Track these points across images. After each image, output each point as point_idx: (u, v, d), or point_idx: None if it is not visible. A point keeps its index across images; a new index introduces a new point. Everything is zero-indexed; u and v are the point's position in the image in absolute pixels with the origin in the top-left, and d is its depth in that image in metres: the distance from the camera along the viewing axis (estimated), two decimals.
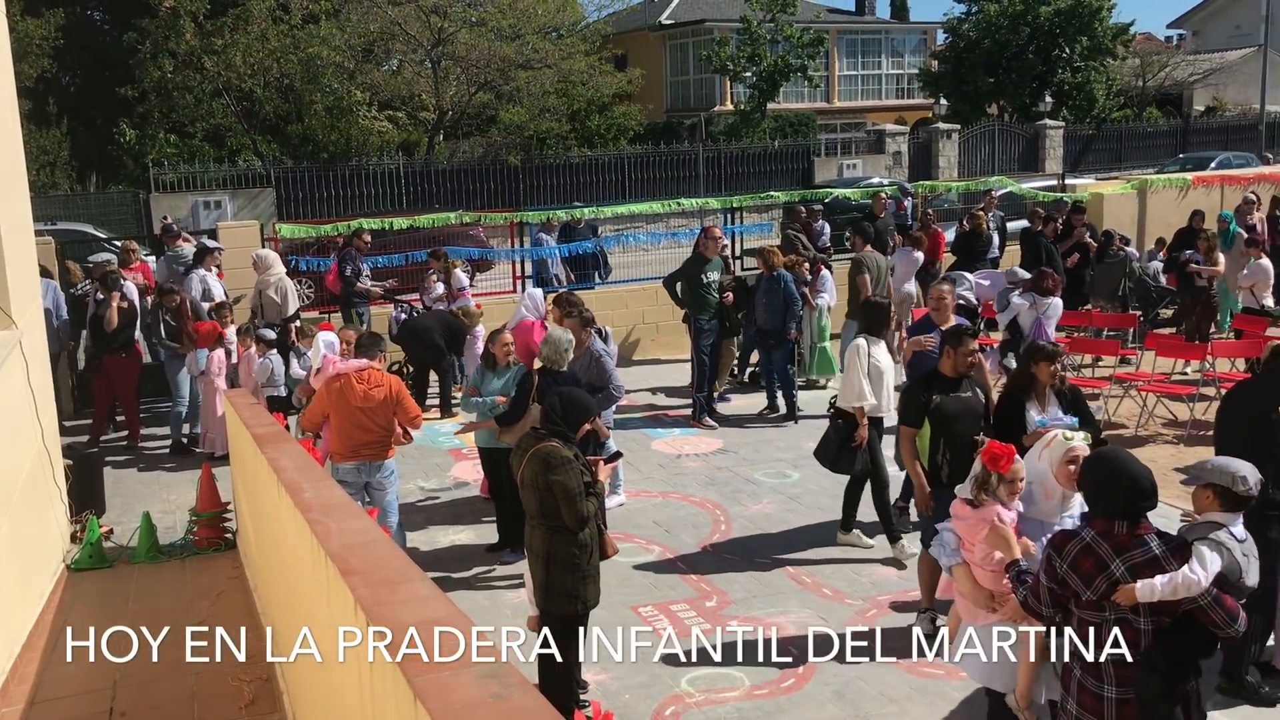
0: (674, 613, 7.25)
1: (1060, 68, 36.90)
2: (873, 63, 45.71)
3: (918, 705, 6.03)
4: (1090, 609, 4.10)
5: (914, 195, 18.38)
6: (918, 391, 6.64)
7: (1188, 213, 16.17)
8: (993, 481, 5.03)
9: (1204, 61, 44.97)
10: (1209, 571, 4.02)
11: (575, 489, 5.58)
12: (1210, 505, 4.34)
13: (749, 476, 10.04)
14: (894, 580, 7.62)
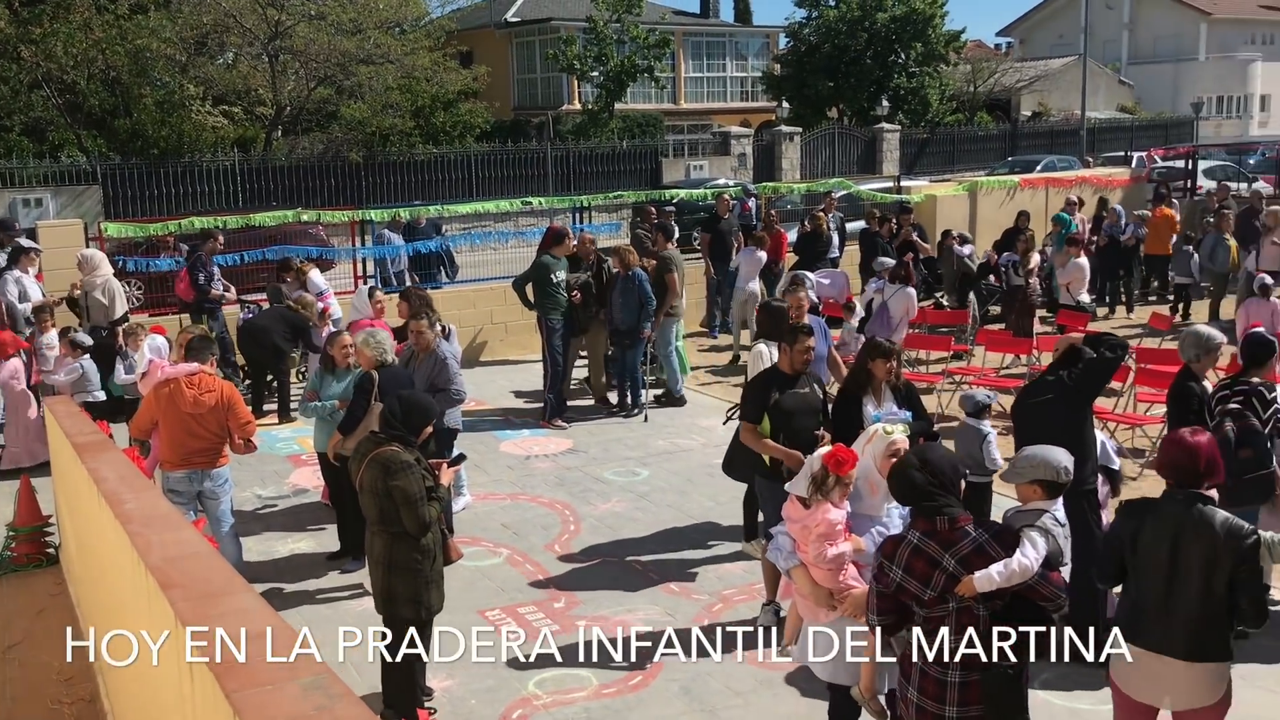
0: (522, 615, 7.19)
1: (896, 73, 38.13)
2: (718, 65, 46.39)
3: (763, 697, 6.12)
4: (934, 605, 4.20)
5: (758, 196, 18.73)
6: (758, 388, 6.73)
7: (1014, 213, 16.94)
8: (829, 483, 5.12)
9: (1030, 69, 47.16)
10: (1039, 555, 4.19)
11: (416, 494, 5.46)
12: (1035, 495, 4.53)
13: (598, 476, 10.03)
14: (740, 575, 7.71)
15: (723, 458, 8.01)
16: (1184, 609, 4.31)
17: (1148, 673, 4.44)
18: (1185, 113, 43.75)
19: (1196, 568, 4.27)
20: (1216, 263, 16.13)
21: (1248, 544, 4.23)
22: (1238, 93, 52.39)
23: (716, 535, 8.53)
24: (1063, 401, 6.19)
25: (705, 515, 8.95)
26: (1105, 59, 51.30)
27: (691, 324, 15.79)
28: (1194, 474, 4.42)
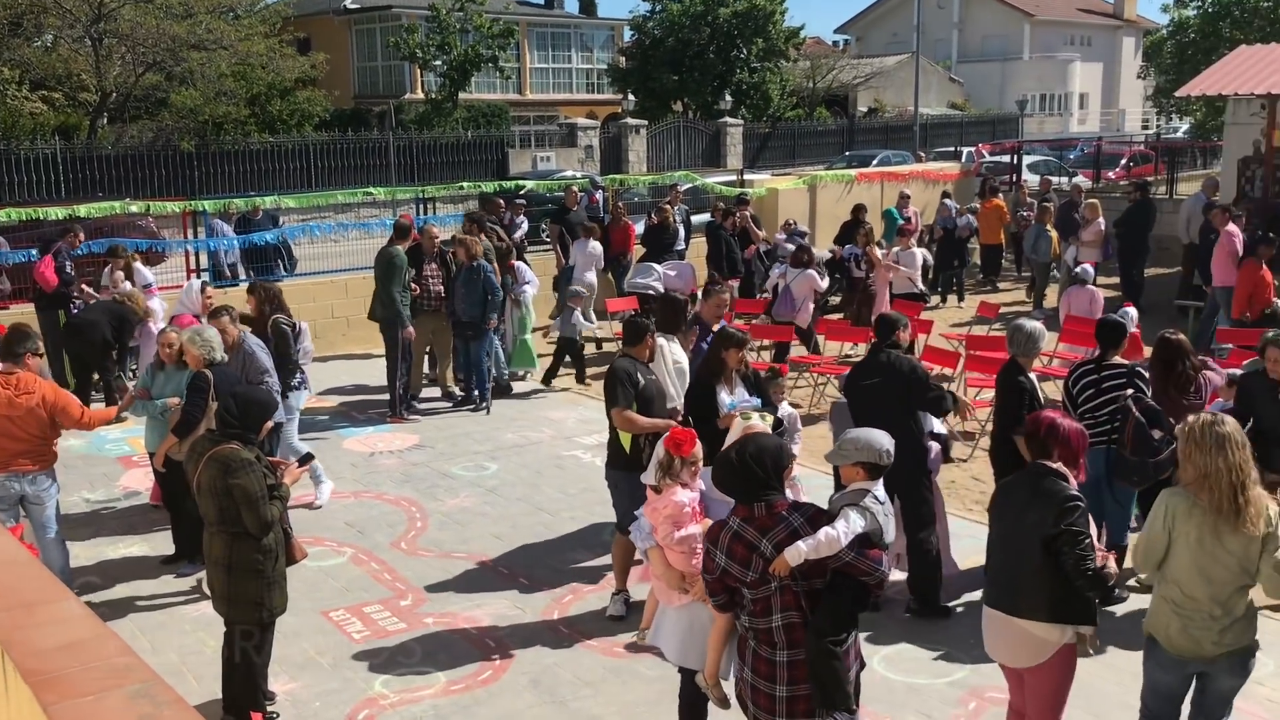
0: (367, 614, 7.05)
1: (739, 68, 38.75)
2: (563, 56, 46.33)
3: (612, 686, 6.16)
4: (757, 587, 4.32)
5: (605, 188, 18.78)
6: (624, 376, 6.73)
7: (852, 206, 17.43)
8: (675, 465, 5.18)
9: (866, 66, 48.57)
10: (850, 529, 4.34)
11: (257, 492, 5.30)
12: (857, 476, 4.67)
13: (446, 471, 9.92)
14: (590, 566, 7.74)
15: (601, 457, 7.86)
16: (1024, 572, 4.65)
17: (995, 631, 4.81)
18: (1011, 110, 45.77)
19: (1035, 532, 4.60)
20: (1039, 253, 16.95)
21: (1068, 507, 4.55)
22: (1059, 91, 55.10)
23: (566, 527, 8.54)
24: (889, 383, 6.76)
25: (555, 508, 8.95)
26: (937, 57, 53.24)
27: (541, 316, 15.74)
28: (1073, 453, 4.73)
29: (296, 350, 8.93)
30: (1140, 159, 30.39)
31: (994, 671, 6.24)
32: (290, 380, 8.79)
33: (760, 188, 19.29)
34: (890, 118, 43.23)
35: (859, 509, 4.47)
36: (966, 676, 6.24)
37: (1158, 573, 4.69)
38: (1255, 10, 24.69)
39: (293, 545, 5.78)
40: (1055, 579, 4.58)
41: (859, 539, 4.39)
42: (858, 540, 4.38)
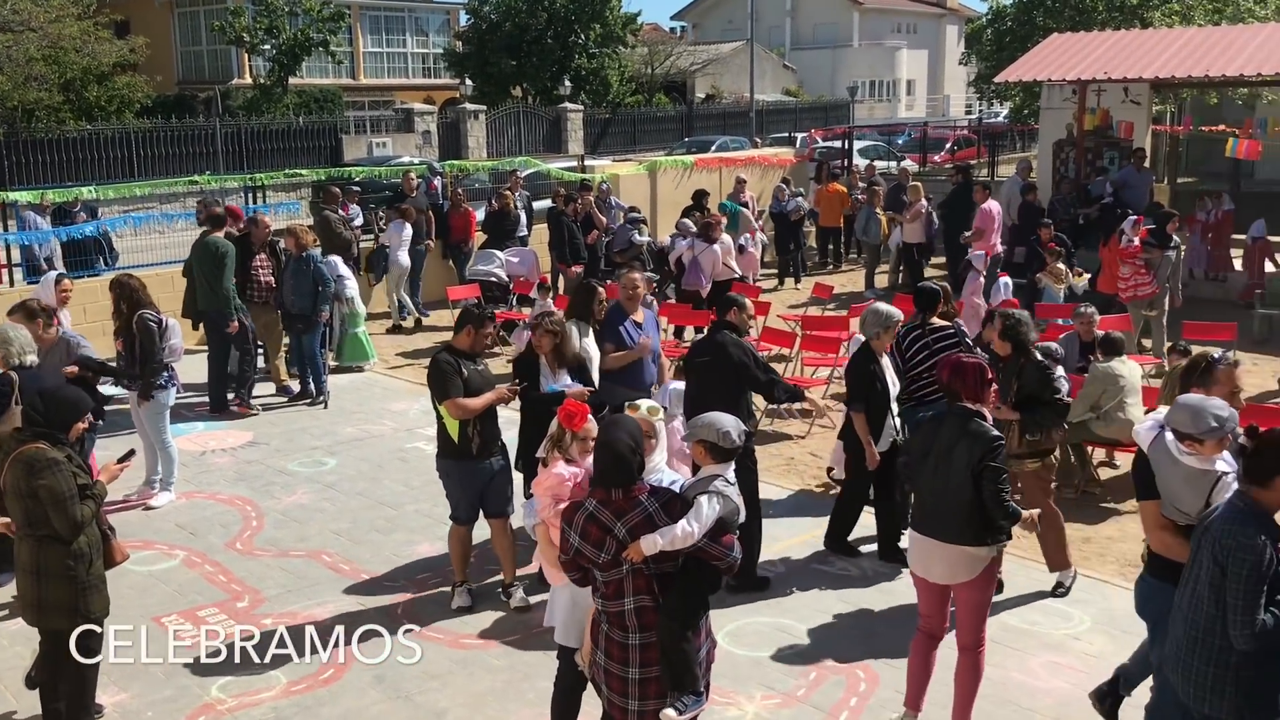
0: (202, 618, 6.80)
1: (577, 53, 38.69)
2: (398, 40, 45.41)
3: (459, 678, 6.10)
4: (609, 569, 4.33)
5: (444, 175, 18.50)
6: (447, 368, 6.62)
7: (691, 191, 17.63)
8: (566, 439, 5.12)
9: (703, 52, 49.15)
10: (703, 522, 4.37)
11: (66, 492, 5.04)
12: (704, 459, 4.71)
13: (282, 467, 9.63)
14: (434, 559, 7.63)
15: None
16: (952, 502, 5.21)
17: (928, 554, 5.38)
18: (842, 96, 46.93)
19: (962, 468, 5.18)
20: (869, 235, 17.47)
21: (993, 447, 5.16)
22: (887, 78, 56.84)
23: (410, 521, 8.41)
24: (719, 363, 6.97)
25: (397, 501, 8.80)
26: (771, 44, 54.24)
27: (380, 305, 15.45)
28: (978, 393, 5.30)
29: (162, 347, 8.53)
30: (964, 143, 31.62)
31: (833, 641, 6.46)
32: (156, 378, 8.45)
33: (601, 173, 19.30)
34: (728, 104, 43.84)
35: (710, 495, 4.49)
36: (807, 648, 6.41)
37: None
38: (1065, 1, 25.92)
39: (112, 547, 5.51)
40: (981, 508, 5.19)
41: (713, 525, 4.45)
42: (719, 526, 4.44)
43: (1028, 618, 6.77)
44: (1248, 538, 4.04)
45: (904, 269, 17.06)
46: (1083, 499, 8.75)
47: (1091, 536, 8.08)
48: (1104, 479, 9.26)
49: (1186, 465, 4.65)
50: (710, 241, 14.05)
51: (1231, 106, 25.73)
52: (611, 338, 7.73)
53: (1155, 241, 11.53)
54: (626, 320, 7.83)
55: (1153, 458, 4.78)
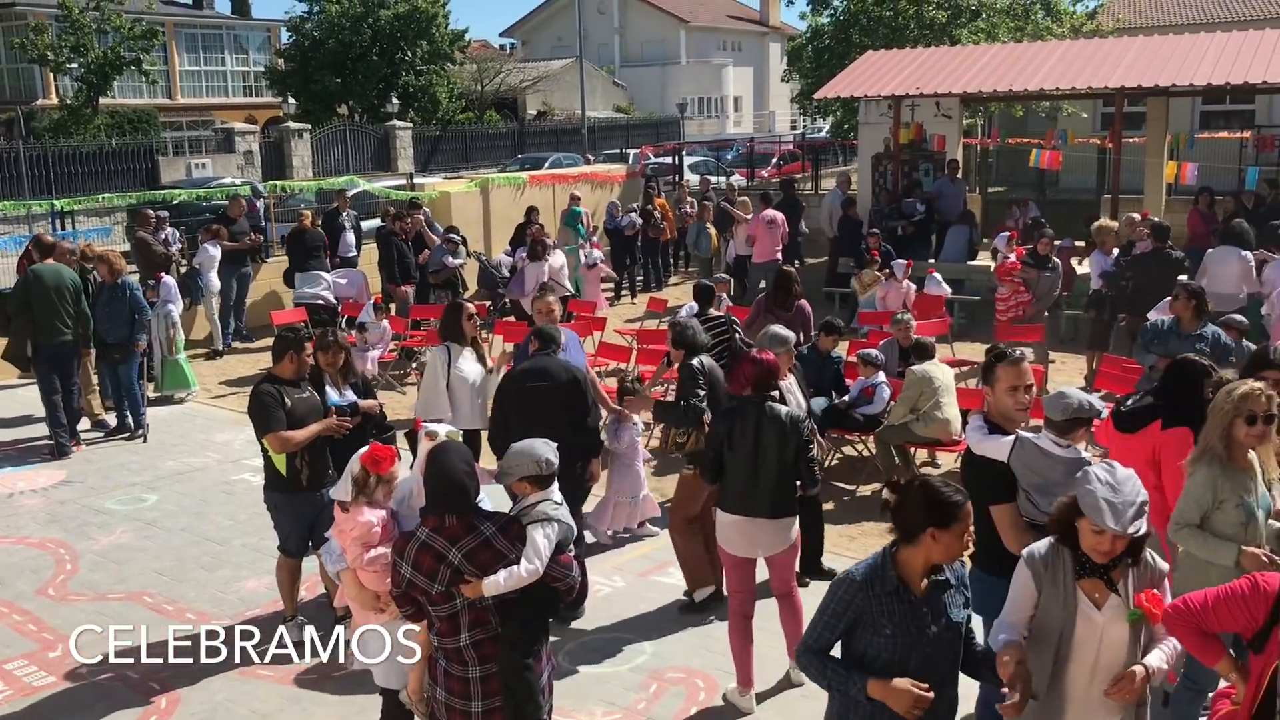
0: (10, 672, 6.39)
1: (404, 71, 38.17)
2: (216, 59, 43.98)
3: (290, 714, 5.91)
4: (442, 602, 4.25)
5: (266, 196, 17.98)
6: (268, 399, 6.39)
7: (524, 208, 17.58)
8: (371, 483, 5.00)
9: (533, 69, 49.18)
10: (544, 556, 4.33)
11: None
12: (529, 490, 4.63)
13: (99, 506, 9.15)
14: (264, 593, 7.36)
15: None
16: (766, 480, 5.72)
17: (744, 533, 5.82)
18: (672, 113, 47.70)
19: (773, 448, 5.70)
20: (701, 249, 17.77)
21: (802, 424, 5.83)
22: (715, 94, 57.98)
23: (237, 556, 8.10)
24: (554, 388, 6.79)
25: (223, 537, 8.47)
26: (600, 61, 54.68)
27: (203, 331, 14.89)
28: (768, 382, 5.89)
29: None
30: (789, 158, 32.51)
31: (670, 652, 6.51)
32: None
33: (432, 191, 19.08)
34: (560, 121, 43.95)
35: (542, 524, 4.45)
36: (646, 661, 6.45)
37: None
38: (880, 19, 26.94)
39: None
40: (792, 482, 5.81)
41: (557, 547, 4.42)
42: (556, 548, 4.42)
43: None
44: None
45: (736, 281, 17.40)
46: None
47: None
48: None
49: (1063, 456, 4.70)
50: (536, 258, 14.06)
51: (1036, 119, 27.19)
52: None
53: (1032, 261, 11.72)
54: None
55: (1018, 464, 4.76)
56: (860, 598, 3.68)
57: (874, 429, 9.26)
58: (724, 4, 64.24)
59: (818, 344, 9.64)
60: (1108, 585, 3.80)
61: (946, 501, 3.61)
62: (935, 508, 3.62)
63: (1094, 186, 21.98)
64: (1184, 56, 16.72)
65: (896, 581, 3.68)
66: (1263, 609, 3.60)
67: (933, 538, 3.63)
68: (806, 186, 25.86)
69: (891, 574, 3.69)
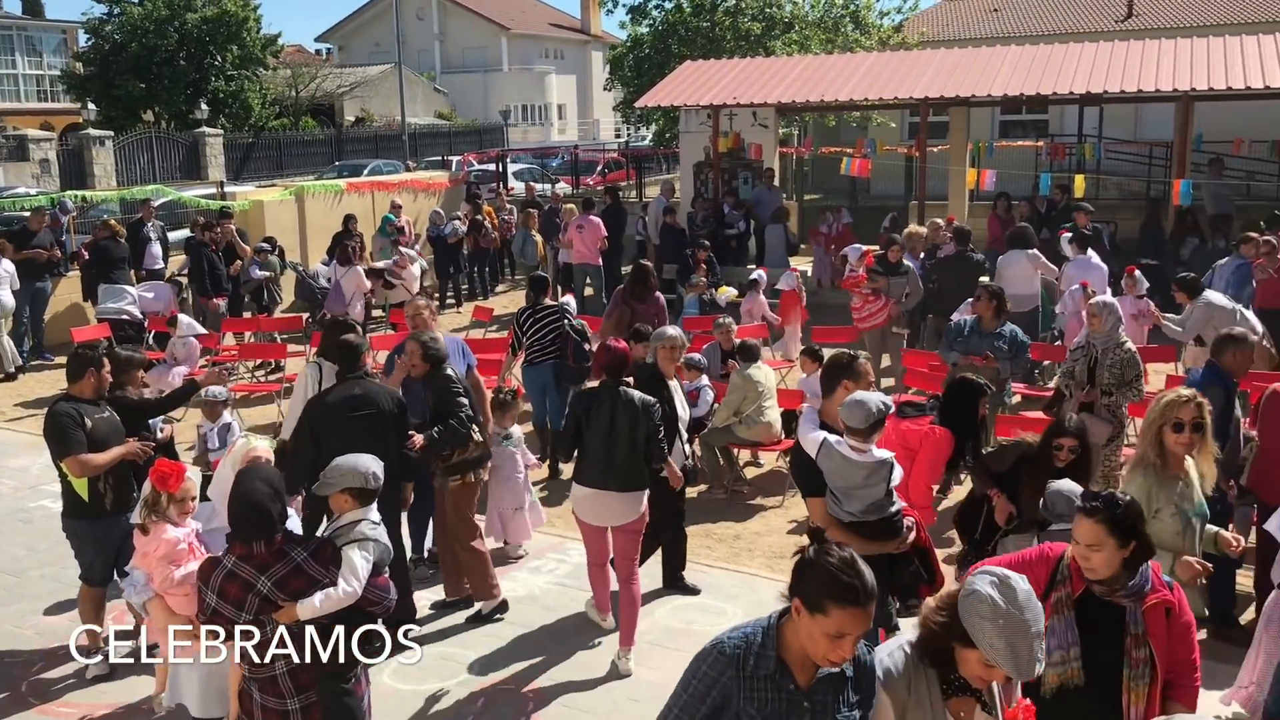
0: None
1: (214, 76, 36.79)
2: (7, 62, 41.44)
3: None
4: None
5: (74, 210, 16.99)
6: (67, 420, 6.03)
7: (342, 216, 17.18)
8: (163, 502, 4.79)
9: (350, 75, 48.06)
10: (360, 577, 4.23)
11: None
12: (347, 504, 4.53)
13: None
14: (65, 626, 6.91)
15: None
16: (619, 458, 6.25)
17: (598, 505, 6.35)
18: (495, 120, 47.37)
19: (626, 429, 6.24)
20: (526, 257, 17.72)
21: (653, 408, 6.33)
22: (538, 102, 57.93)
23: (36, 587, 7.62)
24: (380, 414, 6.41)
25: (19, 568, 7.96)
26: (420, 68, 53.90)
27: None
28: (621, 369, 6.46)
29: None
30: (613, 165, 32.77)
31: (501, 666, 6.45)
32: None
33: (244, 200, 18.43)
34: (379, 127, 43.11)
35: (360, 544, 4.34)
36: (475, 674, 6.36)
37: None
38: (697, 30, 27.41)
39: None
40: (642, 460, 6.31)
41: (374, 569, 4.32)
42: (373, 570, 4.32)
43: (684, 617, 7.05)
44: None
45: (563, 289, 17.43)
46: (732, 498, 9.24)
47: (740, 533, 8.54)
48: (750, 478, 9.82)
49: (863, 461, 4.87)
50: (346, 264, 13.80)
51: (848, 128, 28.16)
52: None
53: (882, 269, 11.98)
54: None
55: (824, 465, 4.95)
56: (729, 676, 3.01)
57: (699, 432, 9.40)
58: (545, 12, 64.32)
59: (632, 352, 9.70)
60: (979, 702, 3.17)
61: (850, 582, 2.86)
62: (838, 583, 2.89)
63: (903, 193, 22.92)
64: (982, 69, 17.61)
65: (775, 663, 2.99)
66: (1045, 571, 3.76)
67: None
68: (631, 194, 26.11)
69: (771, 653, 2.99)
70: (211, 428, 7.48)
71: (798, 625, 2.93)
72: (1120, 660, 3.67)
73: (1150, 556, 3.75)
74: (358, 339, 6.74)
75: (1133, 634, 3.67)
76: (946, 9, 33.20)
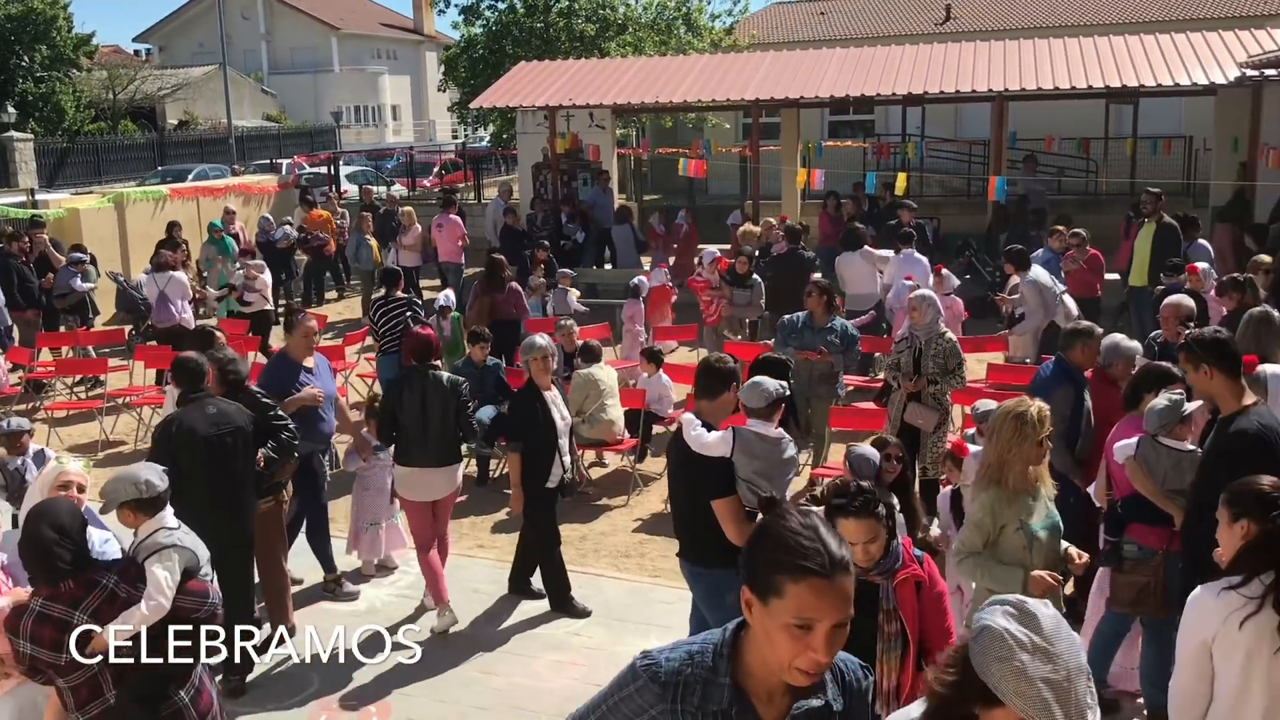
0: None
1: (21, 77, 34.85)
2: None
3: None
4: (71, 670, 3.88)
5: None
6: None
7: (165, 224, 16.51)
8: None
9: (172, 76, 46.14)
10: (166, 589, 4.08)
11: None
12: (137, 520, 4.37)
13: None
14: None
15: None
16: (433, 435, 6.77)
17: (420, 481, 6.86)
18: (327, 122, 46.25)
19: (438, 408, 6.78)
20: (361, 261, 17.37)
21: (461, 386, 6.92)
22: (372, 103, 56.79)
23: None
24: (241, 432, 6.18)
25: None
26: (247, 68, 52.20)
27: None
28: (428, 354, 7.01)
29: None
30: (450, 167, 32.39)
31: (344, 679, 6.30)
32: None
33: (57, 208, 17.50)
34: (205, 130, 41.57)
35: (160, 555, 4.19)
36: (318, 689, 6.20)
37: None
38: (532, 31, 27.32)
39: None
40: (455, 436, 6.89)
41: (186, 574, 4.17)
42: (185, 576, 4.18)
43: (532, 621, 7.02)
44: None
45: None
46: (577, 499, 9.25)
47: (586, 534, 8.57)
48: (595, 478, 9.86)
49: (775, 437, 5.24)
50: (161, 269, 13.27)
51: (684, 129, 28.53)
52: (274, 387, 6.96)
53: (729, 279, 12.04)
54: (297, 367, 7.21)
55: (741, 454, 5.12)
56: (661, 711, 2.26)
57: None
58: (377, 12, 63.14)
59: (471, 355, 9.64)
60: None
61: (809, 545, 2.17)
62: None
63: (739, 193, 23.35)
64: (810, 71, 18.08)
65: (730, 695, 2.23)
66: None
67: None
68: (469, 196, 25.87)
69: (724, 680, 2.23)
70: (18, 462, 6.98)
71: (755, 631, 2.20)
72: (874, 635, 3.86)
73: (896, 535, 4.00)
74: (198, 359, 6.26)
75: (885, 609, 3.87)
76: (775, 12, 34.03)
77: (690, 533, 5.36)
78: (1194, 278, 9.41)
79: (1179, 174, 21.38)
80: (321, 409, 7.24)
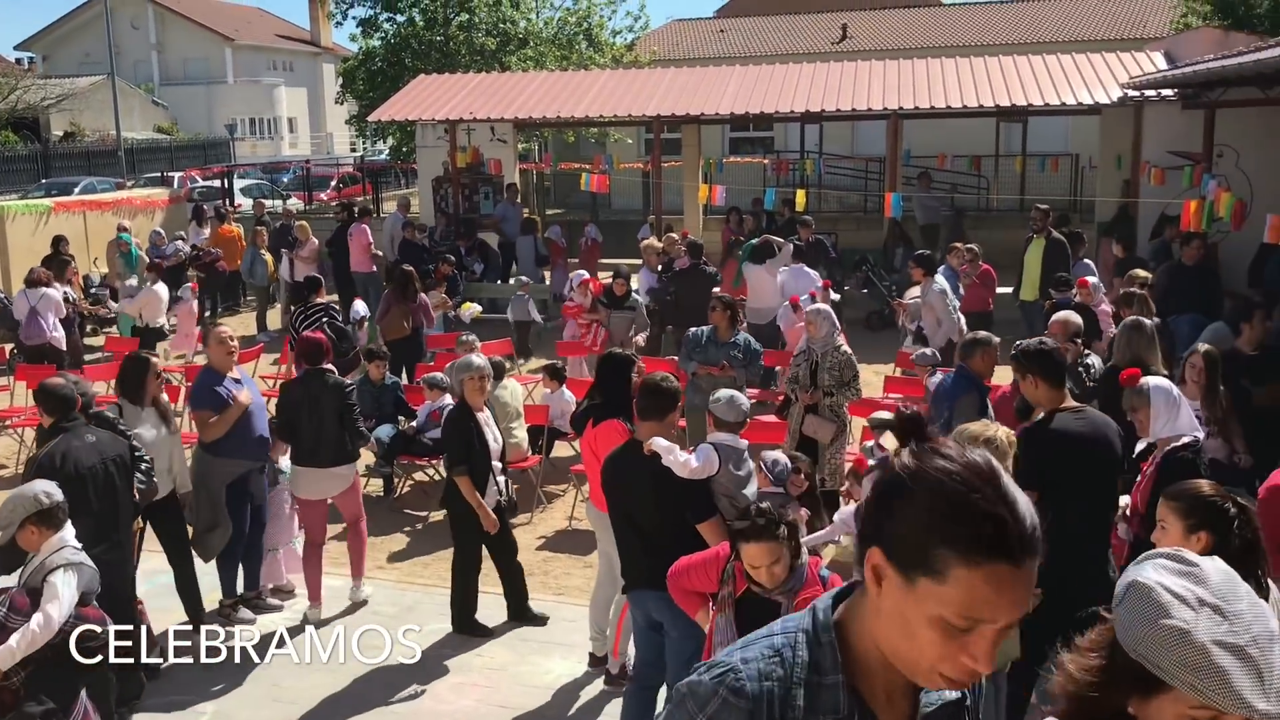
0: None
1: None
2: None
3: None
4: None
5: None
6: None
7: (50, 238, 15.95)
8: None
9: (56, 86, 44.66)
10: (64, 601, 3.94)
11: None
12: (40, 536, 4.23)
13: None
14: None
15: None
16: (324, 436, 6.94)
17: (313, 480, 7.07)
18: (221, 134, 45.26)
19: (330, 410, 6.92)
20: (256, 276, 17.00)
21: (347, 389, 7.14)
22: (267, 115, 55.71)
23: None
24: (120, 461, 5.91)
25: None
26: (137, 79, 50.85)
27: None
28: (319, 356, 7.12)
29: None
30: (349, 180, 31.94)
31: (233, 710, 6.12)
32: None
33: None
34: (92, 142, 40.32)
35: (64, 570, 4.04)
36: (217, 709, 6.02)
37: None
38: (431, 44, 27.12)
39: None
40: (344, 436, 7.00)
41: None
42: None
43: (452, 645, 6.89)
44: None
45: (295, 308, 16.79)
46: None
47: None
48: None
49: (740, 447, 5.46)
50: (34, 285, 12.78)
51: (587, 144, 28.57)
52: (208, 402, 6.74)
53: (606, 301, 11.87)
54: (223, 378, 6.94)
55: (725, 469, 5.22)
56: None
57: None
58: (272, 23, 62.02)
59: (369, 374, 9.49)
60: None
61: (992, 510, 1.51)
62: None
63: (641, 208, 23.45)
64: (711, 88, 18.26)
65: (846, 695, 1.62)
66: (716, 570, 4.15)
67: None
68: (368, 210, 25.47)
69: (834, 678, 1.63)
70: None
71: (882, 611, 1.58)
72: None
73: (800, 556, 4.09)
74: (67, 384, 5.88)
75: None
76: (675, 29, 34.30)
77: (655, 558, 4.83)
78: (1084, 291, 9.70)
79: (1066, 190, 22.10)
80: (254, 418, 7.01)
